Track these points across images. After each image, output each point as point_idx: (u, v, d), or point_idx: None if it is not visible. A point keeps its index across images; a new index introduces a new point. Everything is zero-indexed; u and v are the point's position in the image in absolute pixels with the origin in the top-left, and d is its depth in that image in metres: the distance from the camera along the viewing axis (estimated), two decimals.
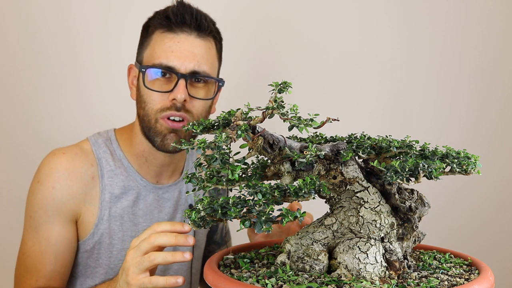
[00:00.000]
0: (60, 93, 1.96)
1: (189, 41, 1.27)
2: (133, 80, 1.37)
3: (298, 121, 0.80)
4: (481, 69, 2.16)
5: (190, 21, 1.27)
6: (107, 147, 1.36)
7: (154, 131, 1.29)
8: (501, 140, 2.17)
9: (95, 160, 1.34)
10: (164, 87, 1.27)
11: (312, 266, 0.85)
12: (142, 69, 1.28)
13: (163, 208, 1.39)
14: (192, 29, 1.28)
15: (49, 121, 1.95)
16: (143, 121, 1.30)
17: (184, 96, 1.24)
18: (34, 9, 1.92)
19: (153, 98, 1.27)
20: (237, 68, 2.00)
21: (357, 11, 2.13)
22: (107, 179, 1.33)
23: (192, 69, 1.26)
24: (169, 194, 1.40)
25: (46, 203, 1.28)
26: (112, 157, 1.35)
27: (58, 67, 1.95)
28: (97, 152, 1.35)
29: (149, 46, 1.30)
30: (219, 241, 1.59)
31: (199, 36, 1.28)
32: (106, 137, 1.38)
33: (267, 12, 2.09)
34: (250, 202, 0.74)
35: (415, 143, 0.88)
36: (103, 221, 1.32)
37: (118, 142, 1.38)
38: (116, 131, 1.41)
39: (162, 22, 1.28)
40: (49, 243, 1.28)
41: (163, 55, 1.26)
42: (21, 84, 1.93)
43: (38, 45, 1.93)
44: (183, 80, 1.25)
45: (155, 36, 1.29)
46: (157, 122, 1.28)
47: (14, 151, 1.92)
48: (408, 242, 0.90)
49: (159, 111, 1.27)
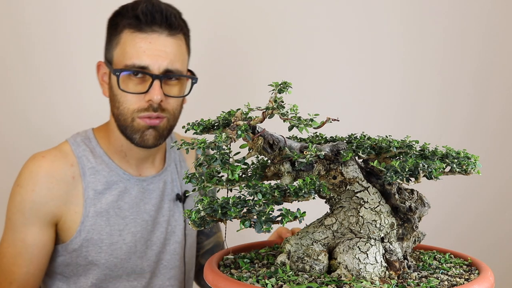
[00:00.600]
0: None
1: (160, 41, 1.28)
2: (103, 76, 1.38)
3: (298, 121, 0.80)
4: (481, 69, 2.16)
5: (160, 21, 1.28)
6: (86, 145, 1.38)
7: (131, 129, 1.30)
8: (502, 140, 2.17)
9: (75, 159, 1.35)
10: (138, 87, 1.28)
11: (312, 266, 0.85)
12: (116, 72, 1.28)
13: (149, 199, 1.41)
14: (163, 28, 1.28)
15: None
16: (119, 120, 1.32)
17: (160, 97, 1.26)
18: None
19: (128, 99, 1.29)
20: (236, 68, 2.00)
21: (358, 11, 2.13)
22: (89, 176, 1.34)
23: (165, 68, 1.27)
24: (153, 185, 1.42)
25: (25, 205, 1.29)
26: (93, 155, 1.36)
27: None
28: (76, 151, 1.36)
29: (119, 45, 1.30)
30: (207, 232, 1.60)
31: (170, 35, 1.29)
32: (85, 136, 1.40)
33: (267, 11, 2.09)
34: (250, 202, 0.74)
35: (415, 143, 0.88)
36: (89, 218, 1.32)
37: (96, 139, 1.39)
38: (94, 130, 1.42)
39: (132, 22, 1.28)
40: (25, 245, 1.29)
41: (136, 55, 1.26)
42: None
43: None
44: (158, 81, 1.26)
45: (124, 35, 1.29)
46: (133, 121, 1.29)
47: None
48: (408, 242, 0.90)
49: (135, 111, 1.29)
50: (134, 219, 1.39)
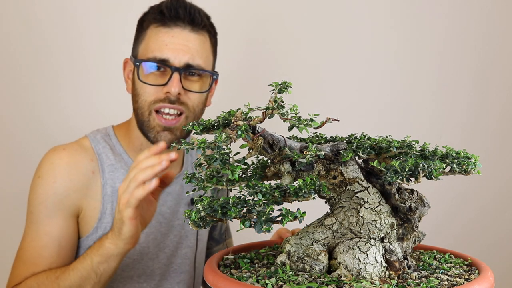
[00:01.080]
0: (60, 90, 1.96)
1: (183, 35, 1.28)
2: (128, 74, 1.39)
3: (298, 121, 0.80)
4: (481, 69, 2.16)
5: (183, 15, 1.29)
6: (106, 142, 1.37)
7: (147, 126, 1.30)
8: (502, 140, 2.17)
9: (94, 155, 1.34)
10: (158, 80, 1.28)
11: (312, 266, 0.85)
12: (136, 62, 1.29)
13: (165, 202, 1.40)
14: (186, 23, 1.29)
15: (49, 119, 1.95)
16: (137, 114, 1.32)
17: (178, 89, 1.26)
18: (35, 7, 1.92)
19: (146, 91, 1.28)
20: (237, 68, 2.00)
21: (358, 11, 2.14)
22: (108, 173, 1.34)
23: (186, 62, 1.27)
24: (170, 188, 1.41)
25: (47, 197, 1.28)
26: (112, 152, 1.36)
27: (58, 65, 1.95)
28: (96, 148, 1.35)
29: (144, 40, 1.31)
30: (217, 238, 1.60)
31: (193, 30, 1.29)
32: (105, 133, 1.40)
33: (267, 11, 2.09)
34: (250, 202, 0.74)
35: (415, 143, 0.88)
36: (106, 215, 1.32)
37: (117, 137, 1.39)
38: (114, 128, 1.42)
39: (156, 16, 1.29)
40: (51, 238, 1.27)
41: (157, 48, 1.27)
42: (21, 82, 1.93)
43: (38, 44, 1.93)
44: (177, 73, 1.26)
45: (149, 31, 1.31)
46: (150, 115, 1.29)
47: (15, 149, 1.92)
48: (408, 242, 0.90)
49: (152, 103, 1.28)
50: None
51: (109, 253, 1.13)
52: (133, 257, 1.36)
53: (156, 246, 1.40)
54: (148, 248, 1.38)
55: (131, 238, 1.09)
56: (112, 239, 1.12)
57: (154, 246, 1.39)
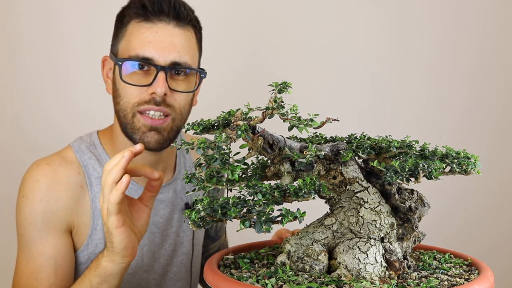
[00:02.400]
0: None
1: (167, 31, 1.18)
2: (107, 73, 1.29)
3: (298, 121, 0.80)
4: (481, 69, 2.16)
5: (168, 9, 1.19)
6: (91, 153, 1.28)
7: (131, 127, 1.20)
8: (501, 141, 2.17)
9: (81, 168, 1.26)
10: (142, 80, 1.18)
11: (312, 266, 0.85)
12: (118, 62, 1.19)
13: (157, 210, 1.32)
14: (171, 18, 1.19)
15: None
16: (119, 117, 1.22)
17: (165, 90, 1.16)
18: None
19: (129, 92, 1.18)
20: (236, 68, 2.00)
21: (356, 11, 2.14)
22: (96, 186, 1.25)
23: (172, 60, 1.17)
24: (162, 195, 1.32)
25: (35, 216, 1.19)
26: (99, 163, 1.27)
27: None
28: (81, 160, 1.26)
29: (125, 37, 1.22)
30: (213, 236, 1.54)
31: (178, 26, 1.20)
32: (90, 142, 1.30)
33: (266, 11, 2.09)
34: (250, 202, 0.74)
35: (415, 143, 0.88)
36: (97, 231, 1.25)
37: (102, 145, 1.30)
38: (99, 134, 1.33)
39: (138, 11, 1.19)
40: (46, 258, 1.19)
41: (140, 45, 1.17)
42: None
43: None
44: (163, 72, 1.16)
45: (130, 26, 1.21)
46: (134, 117, 1.19)
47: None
48: (408, 242, 0.90)
49: (136, 104, 1.18)
50: None
51: (107, 272, 1.05)
52: (127, 272, 1.25)
53: (151, 257, 1.33)
54: (142, 260, 1.31)
55: (126, 249, 1.01)
56: (107, 256, 1.04)
57: (148, 258, 1.32)
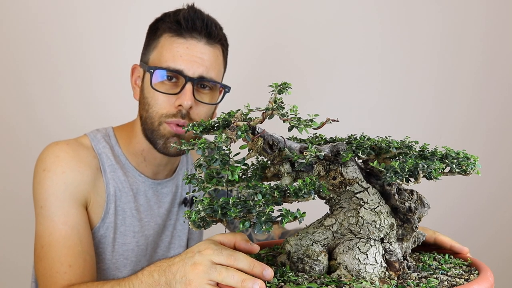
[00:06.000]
0: (61, 91, 1.96)
1: (198, 48, 1.27)
2: (136, 80, 1.37)
3: (297, 122, 0.80)
4: (481, 70, 2.16)
5: (200, 28, 1.27)
6: (106, 142, 1.35)
7: (157, 134, 1.28)
8: (501, 141, 2.17)
9: (95, 154, 1.33)
10: (170, 90, 1.26)
11: (312, 266, 0.85)
12: (150, 69, 1.27)
13: (163, 203, 1.41)
14: (202, 36, 1.27)
15: (50, 119, 1.96)
16: (146, 123, 1.30)
17: (191, 103, 1.24)
18: (36, 7, 1.92)
19: (158, 102, 1.26)
20: (236, 69, 2.00)
21: (357, 12, 2.14)
22: (109, 173, 1.33)
23: (200, 74, 1.26)
24: (167, 189, 1.42)
25: (57, 188, 1.24)
26: (112, 152, 1.35)
27: (60, 65, 1.95)
28: (97, 147, 1.34)
29: (157, 48, 1.29)
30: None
31: (208, 43, 1.28)
32: (105, 133, 1.38)
33: (266, 11, 2.10)
34: (250, 203, 0.74)
35: (414, 144, 0.88)
36: (109, 215, 1.31)
37: (116, 139, 1.38)
38: (114, 129, 1.40)
39: (172, 26, 1.27)
40: (70, 227, 1.23)
41: (171, 59, 1.25)
42: (23, 82, 1.93)
43: (40, 43, 1.93)
44: (190, 84, 1.24)
45: (163, 39, 1.28)
46: (160, 125, 1.27)
47: (16, 148, 1.92)
48: (408, 242, 0.91)
49: (164, 116, 1.26)
50: (148, 222, 1.38)
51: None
52: (131, 259, 1.36)
53: (152, 248, 1.40)
54: (146, 249, 1.39)
55: None
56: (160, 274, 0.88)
57: (151, 248, 1.40)
